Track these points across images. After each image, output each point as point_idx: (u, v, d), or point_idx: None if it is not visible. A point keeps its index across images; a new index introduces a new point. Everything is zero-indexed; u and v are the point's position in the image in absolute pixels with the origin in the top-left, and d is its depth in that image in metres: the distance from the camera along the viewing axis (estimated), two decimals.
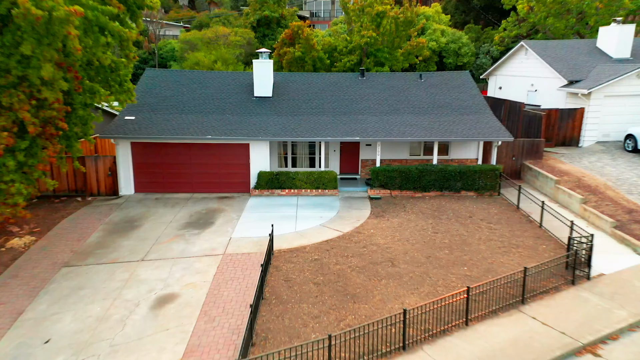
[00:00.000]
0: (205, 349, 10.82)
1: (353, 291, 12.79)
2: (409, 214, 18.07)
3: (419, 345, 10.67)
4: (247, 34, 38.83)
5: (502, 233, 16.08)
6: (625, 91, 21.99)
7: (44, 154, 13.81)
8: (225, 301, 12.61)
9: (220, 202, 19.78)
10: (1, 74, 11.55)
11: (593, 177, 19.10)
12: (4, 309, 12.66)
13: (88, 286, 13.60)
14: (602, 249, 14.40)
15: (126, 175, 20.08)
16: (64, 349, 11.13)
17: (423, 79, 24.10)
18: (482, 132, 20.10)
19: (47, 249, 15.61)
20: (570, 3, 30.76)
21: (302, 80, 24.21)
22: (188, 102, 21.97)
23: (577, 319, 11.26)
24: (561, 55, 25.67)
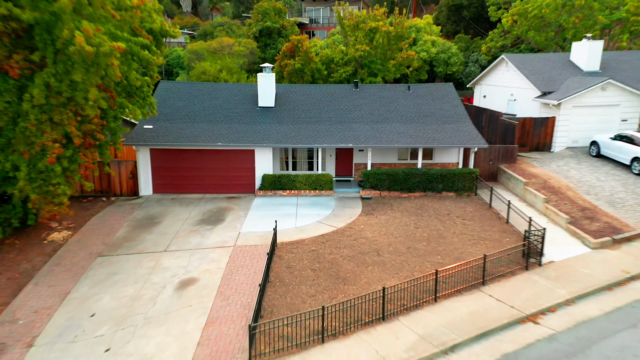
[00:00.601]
0: (223, 320, 13.36)
1: (344, 275, 15.33)
2: (395, 212, 20.60)
3: (396, 316, 13.21)
4: (250, 44, 41.37)
5: (474, 228, 18.62)
6: (590, 102, 24.51)
7: (82, 160, 16.33)
8: (237, 284, 15.15)
9: (229, 202, 22.32)
10: (54, 96, 14.08)
11: (558, 179, 21.65)
12: (54, 290, 15.21)
13: (121, 272, 16.15)
14: (556, 241, 16.96)
15: (145, 178, 22.62)
16: (106, 321, 13.68)
17: (411, 90, 26.65)
18: (461, 140, 22.65)
19: (82, 242, 18.16)
20: (549, 18, 33.31)
21: (302, 91, 26.75)
22: (199, 112, 24.50)
23: (525, 296, 13.80)
24: (537, 68, 28.22)
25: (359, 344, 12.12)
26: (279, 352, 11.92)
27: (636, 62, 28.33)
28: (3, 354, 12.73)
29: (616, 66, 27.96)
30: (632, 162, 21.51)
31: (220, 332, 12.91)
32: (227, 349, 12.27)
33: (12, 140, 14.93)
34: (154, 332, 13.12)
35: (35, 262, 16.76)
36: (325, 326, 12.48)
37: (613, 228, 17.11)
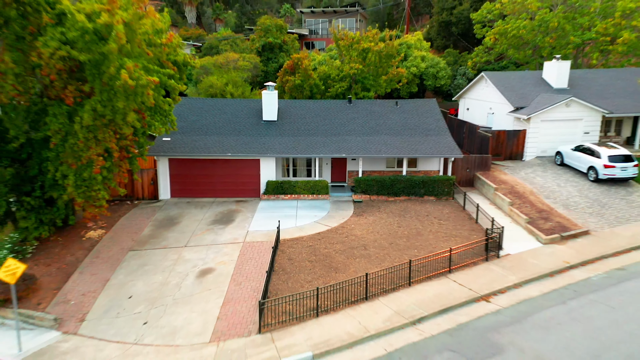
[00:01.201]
0: (237, 301, 16.54)
1: (335, 266, 18.51)
2: (382, 213, 23.78)
3: (376, 297, 16.39)
4: (253, 59, 44.59)
5: (448, 227, 21.80)
6: (557, 117, 27.72)
7: (117, 170, 19.54)
8: (247, 272, 18.33)
9: (238, 205, 25.52)
10: (99, 118, 17.30)
11: (524, 185, 24.85)
12: (96, 277, 18.41)
13: (150, 264, 19.34)
14: (515, 238, 20.14)
15: (164, 184, 25.84)
16: (142, 302, 16.87)
17: (398, 105, 29.89)
18: (441, 150, 25.86)
19: (115, 239, 21.36)
20: (526, 38, 36.56)
21: (301, 106, 29.99)
22: (210, 125, 27.73)
23: (483, 281, 16.97)
24: (512, 85, 31.46)
25: (345, 318, 15.29)
26: (282, 323, 15.10)
27: (602, 80, 31.55)
28: (61, 326, 15.94)
29: (583, 83, 31.17)
30: (588, 170, 24.72)
31: (235, 309, 16.09)
32: (241, 321, 15.46)
33: (60, 154, 18.16)
34: (181, 309, 16.31)
35: (77, 255, 19.96)
36: (319, 304, 15.66)
37: (563, 227, 20.29)
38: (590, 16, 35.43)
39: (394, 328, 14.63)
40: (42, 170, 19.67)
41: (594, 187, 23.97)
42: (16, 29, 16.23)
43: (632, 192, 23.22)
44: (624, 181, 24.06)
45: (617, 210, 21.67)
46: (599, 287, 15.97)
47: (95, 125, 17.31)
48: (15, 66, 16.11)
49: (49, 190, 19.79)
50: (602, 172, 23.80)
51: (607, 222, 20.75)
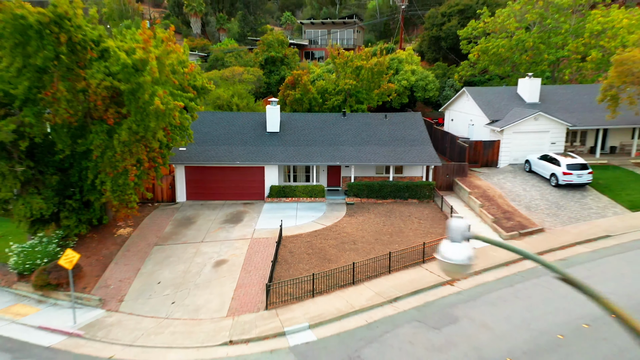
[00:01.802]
0: (247, 285, 20.18)
1: (329, 257, 22.15)
2: (370, 214, 27.43)
3: (362, 282, 20.02)
4: (257, 72, 48.33)
5: (426, 225, 25.45)
6: (526, 129, 31.36)
7: (146, 177, 23.21)
8: (255, 263, 21.97)
9: (245, 206, 29.17)
10: (133, 135, 20.97)
11: (494, 189, 28.51)
12: (129, 267, 22.07)
13: (173, 256, 22.99)
14: (481, 234, 23.72)
15: (181, 188, 29.51)
16: (169, 286, 20.52)
17: (387, 118, 33.55)
18: (423, 159, 29.52)
19: (142, 236, 25.02)
20: (505, 56, 40.27)
21: (301, 119, 33.67)
22: (220, 136, 31.40)
23: None
24: (489, 99, 35.14)
25: (336, 298, 18.94)
26: (285, 302, 18.74)
27: (569, 95, 35.20)
28: (104, 305, 19.60)
29: (553, 98, 34.84)
30: (550, 177, 28.37)
31: (246, 292, 19.74)
32: (251, 301, 19.10)
33: (99, 164, 21.83)
34: (202, 292, 19.97)
35: (111, 249, 23.64)
36: (315, 287, 19.30)
37: (522, 225, 23.93)
38: (563, 35, 39.12)
39: (374, 305, 18.27)
40: (81, 177, 23.35)
41: (555, 191, 27.62)
42: (67, 62, 19.93)
43: (586, 196, 26.86)
44: (580, 186, 27.70)
45: (570, 212, 25.32)
46: (542, 274, 19.60)
47: (130, 141, 20.97)
48: (67, 94, 19.80)
49: (87, 194, 23.48)
50: (562, 179, 27.45)
51: (560, 222, 24.40)
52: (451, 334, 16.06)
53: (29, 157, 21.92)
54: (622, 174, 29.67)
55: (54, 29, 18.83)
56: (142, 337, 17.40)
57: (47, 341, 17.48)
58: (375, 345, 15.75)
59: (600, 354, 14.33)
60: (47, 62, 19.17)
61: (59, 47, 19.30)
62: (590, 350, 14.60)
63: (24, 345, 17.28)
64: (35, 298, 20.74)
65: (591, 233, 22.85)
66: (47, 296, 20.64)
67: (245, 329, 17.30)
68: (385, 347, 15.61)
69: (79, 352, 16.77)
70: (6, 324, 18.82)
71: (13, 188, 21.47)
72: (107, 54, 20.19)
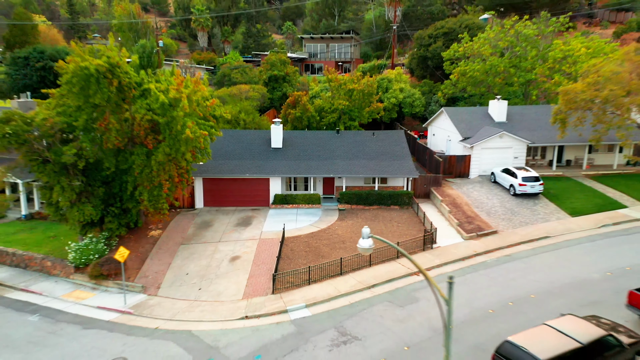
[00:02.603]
0: (257, 276, 25.62)
1: (322, 254, 27.56)
2: (358, 218, 32.82)
3: (347, 273, 25.44)
4: (261, 90, 53.79)
5: (403, 228, 30.84)
6: (493, 145, 36.75)
7: (174, 189, 28.65)
8: (263, 258, 27.37)
9: (253, 212, 34.61)
10: (167, 157, 26.41)
11: (462, 198, 33.93)
12: (162, 262, 27.52)
13: (196, 253, 28.42)
14: (447, 235, 29.15)
15: (199, 196, 34.96)
16: (195, 277, 25.96)
17: (375, 135, 38.97)
18: (403, 172, 34.94)
19: (170, 237, 30.47)
20: (480, 78, 45.67)
21: (301, 136, 39.10)
22: (232, 152, 36.82)
23: (418, 263, 25.91)
24: (464, 118, 40.55)
25: (327, 285, 24.35)
26: (287, 288, 24.16)
27: (533, 114, 40.56)
28: (145, 291, 25.05)
29: (518, 117, 40.24)
30: (509, 187, 33.78)
31: (257, 280, 25.17)
32: (261, 288, 24.53)
33: (137, 179, 27.27)
34: (221, 281, 25.40)
35: (146, 247, 29.10)
36: (310, 277, 24.71)
37: (480, 228, 29.33)
38: (531, 61, 44.54)
39: (356, 290, 23.68)
40: (121, 189, 28.78)
41: (512, 199, 33.02)
42: (116, 100, 25.42)
43: (537, 204, 32.26)
44: (534, 195, 33.09)
45: (522, 217, 30.72)
46: (488, 266, 25.02)
47: (164, 161, 26.42)
48: (117, 124, 25.29)
49: (126, 202, 28.94)
50: (518, 189, 32.85)
51: (512, 225, 29.79)
52: (412, 310, 21.48)
53: (82, 173, 27.37)
54: (572, 184, 35.06)
55: (108, 75, 24.32)
56: (179, 313, 22.84)
57: (107, 317, 22.95)
58: (355, 319, 21.17)
59: (517, 322, 19.68)
60: (102, 101, 24.64)
61: (111, 88, 24.79)
62: (510, 320, 19.98)
63: (89, 320, 22.75)
64: (90, 286, 26.22)
65: (534, 234, 28.25)
66: (99, 284, 26.12)
67: (257, 308, 22.73)
68: (362, 319, 21.04)
69: (131, 324, 22.22)
70: (71, 304, 24.29)
71: (70, 198, 26.90)
72: (147, 92, 25.68)
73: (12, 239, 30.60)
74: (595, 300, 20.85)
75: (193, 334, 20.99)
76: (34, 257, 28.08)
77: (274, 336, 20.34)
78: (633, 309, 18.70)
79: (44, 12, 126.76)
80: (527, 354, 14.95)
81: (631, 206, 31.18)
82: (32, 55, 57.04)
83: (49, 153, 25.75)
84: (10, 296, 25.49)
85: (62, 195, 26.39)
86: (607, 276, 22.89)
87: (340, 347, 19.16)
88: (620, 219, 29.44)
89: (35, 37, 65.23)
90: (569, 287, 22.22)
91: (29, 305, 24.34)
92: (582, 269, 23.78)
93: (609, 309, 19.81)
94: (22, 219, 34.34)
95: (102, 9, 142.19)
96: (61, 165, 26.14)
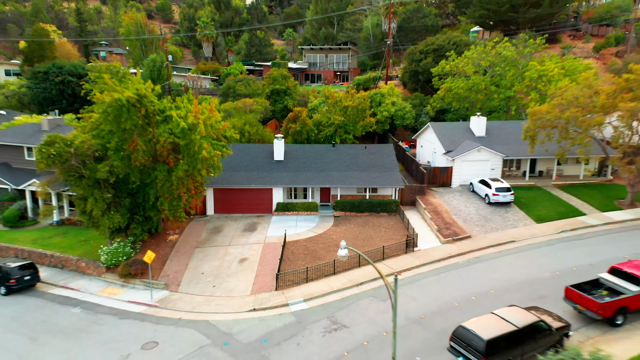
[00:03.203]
0: (263, 275, 30.04)
1: (319, 256, 31.96)
2: (351, 224, 37.20)
3: (340, 272, 29.85)
4: (264, 103, 58.16)
5: (389, 233, 35.23)
6: (472, 158, 41.10)
7: (191, 200, 33.06)
8: (267, 260, 31.78)
9: (258, 219, 39.02)
10: (185, 173, 30.81)
11: (444, 206, 38.31)
12: (180, 263, 31.96)
13: (209, 255, 32.85)
14: (427, 240, 33.54)
15: (210, 204, 39.39)
16: (209, 276, 30.42)
17: (367, 149, 43.36)
18: (391, 183, 39.32)
19: (186, 241, 34.90)
20: (464, 95, 50.03)
21: (301, 149, 43.48)
22: (239, 164, 41.21)
23: (400, 264, 30.37)
24: (447, 133, 44.91)
25: (322, 283, 28.76)
26: (288, 285, 28.57)
27: (509, 129, 44.82)
28: (168, 288, 29.51)
29: (496, 132, 44.57)
30: (485, 196, 38.16)
31: (262, 279, 29.59)
32: (266, 285, 28.94)
33: (159, 191, 31.68)
34: (232, 279, 29.82)
35: (165, 250, 33.54)
36: (308, 276, 29.13)
37: (456, 233, 33.71)
38: (510, 79, 48.87)
39: (346, 287, 28.10)
40: (144, 199, 33.20)
41: (487, 207, 37.40)
42: (142, 124, 29.83)
43: (508, 211, 36.63)
44: (506, 204, 37.46)
45: (494, 223, 35.10)
46: (459, 267, 29.41)
47: (183, 176, 30.83)
48: (143, 145, 29.71)
49: (148, 211, 33.38)
50: (492, 198, 37.24)
51: (484, 231, 34.17)
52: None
53: (112, 187, 31.79)
54: (541, 193, 39.43)
55: (137, 104, 28.74)
56: (197, 306, 27.26)
57: (137, 309, 27.40)
58: (344, 310, 25.59)
59: (476, 313, 23.98)
60: (131, 126, 29.05)
61: (139, 115, 29.21)
62: (472, 311, 24.32)
63: (122, 311, 27.20)
64: (119, 283, 30.66)
65: (502, 239, 32.61)
66: (127, 282, 30.55)
67: (262, 302, 27.13)
68: (350, 311, 25.45)
69: (158, 315, 26.66)
70: (106, 299, 28.74)
71: (101, 208, 31.31)
72: (169, 118, 30.09)
73: (49, 242, 35.07)
74: (543, 294, 25.24)
75: (210, 323, 25.40)
76: (70, 259, 32.54)
77: (277, 325, 24.75)
78: (568, 301, 23.07)
79: (53, 20, 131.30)
80: (474, 335, 19.30)
81: (589, 214, 35.56)
82: (51, 70, 61.48)
83: (85, 170, 30.17)
84: (53, 292, 29.96)
85: (95, 205, 30.79)
86: (556, 275, 27.29)
87: (331, 333, 23.56)
88: (577, 225, 33.81)
89: (52, 51, 69.53)
90: (524, 284, 26.61)
91: (70, 300, 28.81)
92: (537, 269, 28.17)
93: (552, 301, 24.20)
94: (54, 225, 38.79)
95: (109, 17, 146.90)
96: (95, 180, 30.56)
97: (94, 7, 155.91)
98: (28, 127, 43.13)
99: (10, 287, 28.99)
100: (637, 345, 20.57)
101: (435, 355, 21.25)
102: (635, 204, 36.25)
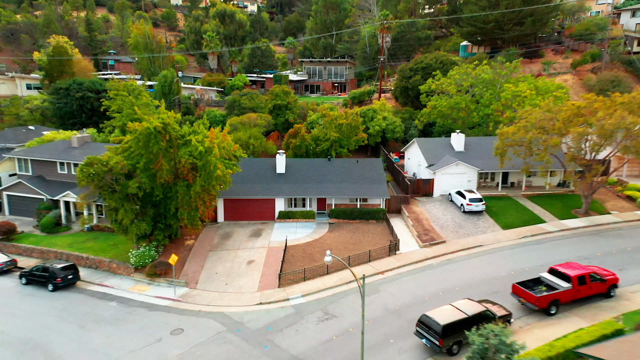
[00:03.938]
0: (267, 275, 35.67)
1: (315, 259, 37.53)
2: (344, 230, 42.77)
3: (332, 272, 35.48)
4: (267, 117, 63.70)
5: (377, 238, 40.78)
6: (451, 172, 46.62)
7: (206, 210, 38.66)
8: (271, 262, 37.37)
9: (262, 225, 44.61)
10: (202, 188, 36.39)
11: (424, 214, 43.87)
12: (197, 264, 37.59)
13: (222, 258, 38.48)
14: (408, 244, 39.09)
15: (221, 213, 45.02)
16: (222, 275, 36.08)
17: (358, 162, 48.93)
18: (379, 194, 44.89)
19: (201, 245, 40.53)
20: (447, 113, 55.57)
21: (300, 163, 49.07)
22: (246, 177, 46.75)
23: (383, 265, 35.93)
24: (430, 148, 50.43)
25: (317, 281, 34.37)
26: (288, 283, 34.19)
27: (486, 145, 50.11)
28: (188, 285, 35.15)
29: (474, 147, 50.06)
30: (460, 206, 43.73)
31: (267, 278, 35.20)
32: (270, 283, 34.55)
33: (179, 203, 37.29)
34: (242, 278, 35.44)
35: (184, 253, 39.18)
36: (305, 275, 34.72)
37: (433, 238, 39.25)
38: (489, 98, 54.39)
39: (337, 285, 33.69)
40: (166, 210, 38.81)
41: (462, 216, 42.95)
42: (166, 147, 35.45)
43: (480, 219, 42.19)
44: (479, 212, 43.02)
45: (466, 229, 40.64)
46: (432, 268, 34.98)
47: (200, 191, 36.43)
48: (167, 166, 35.35)
49: (169, 220, 39.02)
50: (466, 207, 42.80)
51: (457, 236, 39.71)
52: (374, 298, 31.46)
53: (139, 199, 37.41)
54: (510, 203, 44.97)
55: (162, 131, 34.36)
56: (213, 301, 32.87)
57: (163, 303, 33.01)
58: (335, 304, 31.19)
59: (442, 304, 29.56)
60: (157, 149, 34.65)
61: (164, 139, 34.82)
62: (438, 303, 29.76)
63: (151, 305, 32.82)
64: (146, 282, 36.29)
65: (471, 243, 38.18)
66: (153, 281, 36.17)
67: (267, 297, 32.73)
68: (339, 304, 31.06)
69: (181, 308, 32.28)
70: (136, 295, 34.36)
71: (130, 217, 36.89)
72: (188, 142, 35.70)
73: (83, 246, 40.73)
74: (497, 290, 30.79)
75: (225, 314, 31.03)
76: (103, 261, 38.20)
77: (280, 315, 30.36)
78: (515, 296, 28.63)
79: (64, 30, 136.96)
80: (434, 321, 24.87)
81: (549, 221, 41.12)
82: (72, 87, 67.11)
83: (117, 185, 35.80)
84: (91, 289, 35.61)
85: (125, 215, 36.40)
86: (511, 274, 32.84)
87: (324, 322, 29.17)
88: (537, 232, 39.37)
89: (71, 67, 75.21)
90: (483, 282, 32.18)
91: (107, 295, 34.45)
92: (496, 269, 33.73)
93: (504, 296, 29.75)
94: (85, 230, 44.46)
95: (117, 26, 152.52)
96: (125, 193, 36.17)
97: (102, 15, 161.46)
98: (59, 144, 48.81)
99: (57, 284, 34.64)
100: (564, 329, 26.12)
101: (406, 338, 26.83)
102: (589, 212, 41.83)
